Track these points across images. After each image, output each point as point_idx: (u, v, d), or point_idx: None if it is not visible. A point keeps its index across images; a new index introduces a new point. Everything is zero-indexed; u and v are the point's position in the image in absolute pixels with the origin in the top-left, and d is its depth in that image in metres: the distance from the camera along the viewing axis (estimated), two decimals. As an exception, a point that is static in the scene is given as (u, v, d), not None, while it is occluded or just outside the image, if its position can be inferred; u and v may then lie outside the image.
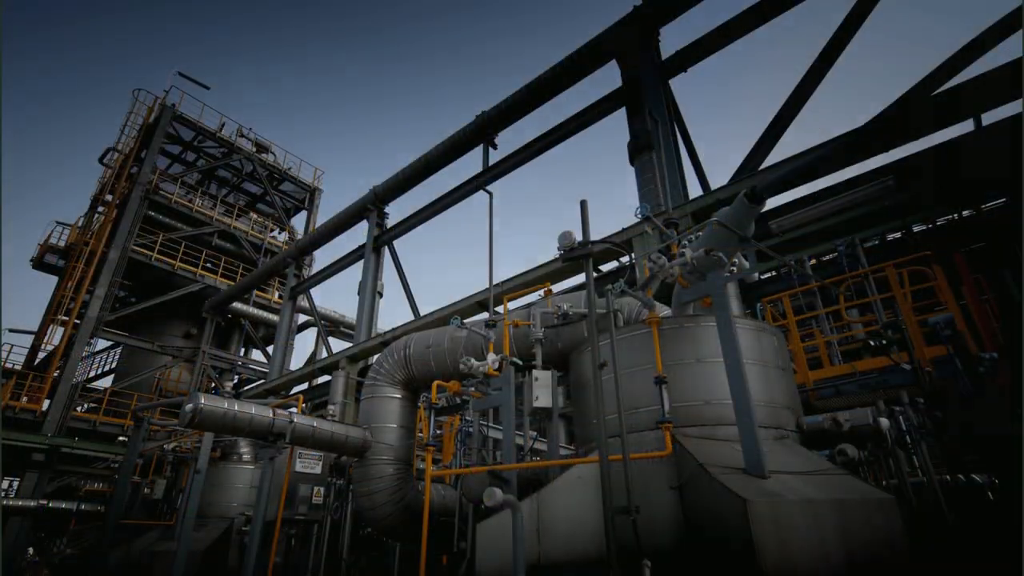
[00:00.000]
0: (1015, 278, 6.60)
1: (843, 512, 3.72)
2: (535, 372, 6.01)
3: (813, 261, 7.65)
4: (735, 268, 5.09)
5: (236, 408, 6.69)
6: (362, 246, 16.11)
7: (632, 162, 9.52)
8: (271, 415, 6.96)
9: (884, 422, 4.52)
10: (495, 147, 13.23)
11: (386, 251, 15.58)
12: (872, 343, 5.22)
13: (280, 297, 23.64)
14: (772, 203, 7.78)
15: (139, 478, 13.05)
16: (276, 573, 8.30)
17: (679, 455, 4.59)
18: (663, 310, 6.39)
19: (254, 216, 25.89)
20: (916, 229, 7.64)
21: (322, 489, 8.64)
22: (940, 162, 6.02)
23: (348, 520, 8.76)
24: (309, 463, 8.61)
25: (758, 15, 9.06)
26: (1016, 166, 4.90)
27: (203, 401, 6.45)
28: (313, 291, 18.48)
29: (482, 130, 13.19)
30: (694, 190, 9.08)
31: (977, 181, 6.23)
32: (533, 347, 6.44)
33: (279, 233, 26.89)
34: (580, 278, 10.13)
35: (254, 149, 26.34)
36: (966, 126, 5.90)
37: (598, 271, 10.14)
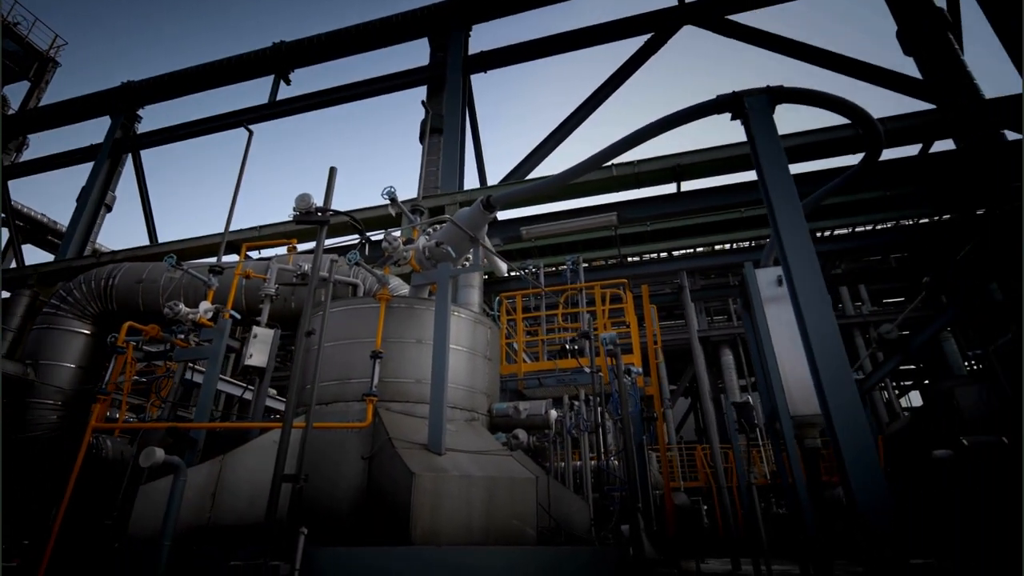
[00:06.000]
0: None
1: (492, 488, 4.30)
2: (256, 329, 5.66)
3: (552, 269, 8.71)
4: (467, 262, 5.47)
5: None
6: (98, 145, 13.19)
7: (421, 140, 9.58)
8: None
9: (553, 413, 5.34)
10: (288, 82, 12.06)
11: (129, 160, 12.99)
12: (567, 347, 6.12)
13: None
14: (531, 211, 8.59)
15: None
16: None
17: (376, 427, 4.80)
18: (403, 288, 6.58)
19: (-59, 66, 19.14)
20: (630, 259, 9.31)
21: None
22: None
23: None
24: (-60, 400, 6.74)
25: (555, 45, 9.91)
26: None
27: None
28: (20, 185, 14.52)
29: (277, 59, 11.93)
30: (472, 181, 9.53)
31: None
32: (262, 302, 6.05)
33: (-20, 99, 20.41)
34: (342, 240, 9.85)
35: (-41, -22, 19.45)
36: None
37: (368, 240, 9.97)
